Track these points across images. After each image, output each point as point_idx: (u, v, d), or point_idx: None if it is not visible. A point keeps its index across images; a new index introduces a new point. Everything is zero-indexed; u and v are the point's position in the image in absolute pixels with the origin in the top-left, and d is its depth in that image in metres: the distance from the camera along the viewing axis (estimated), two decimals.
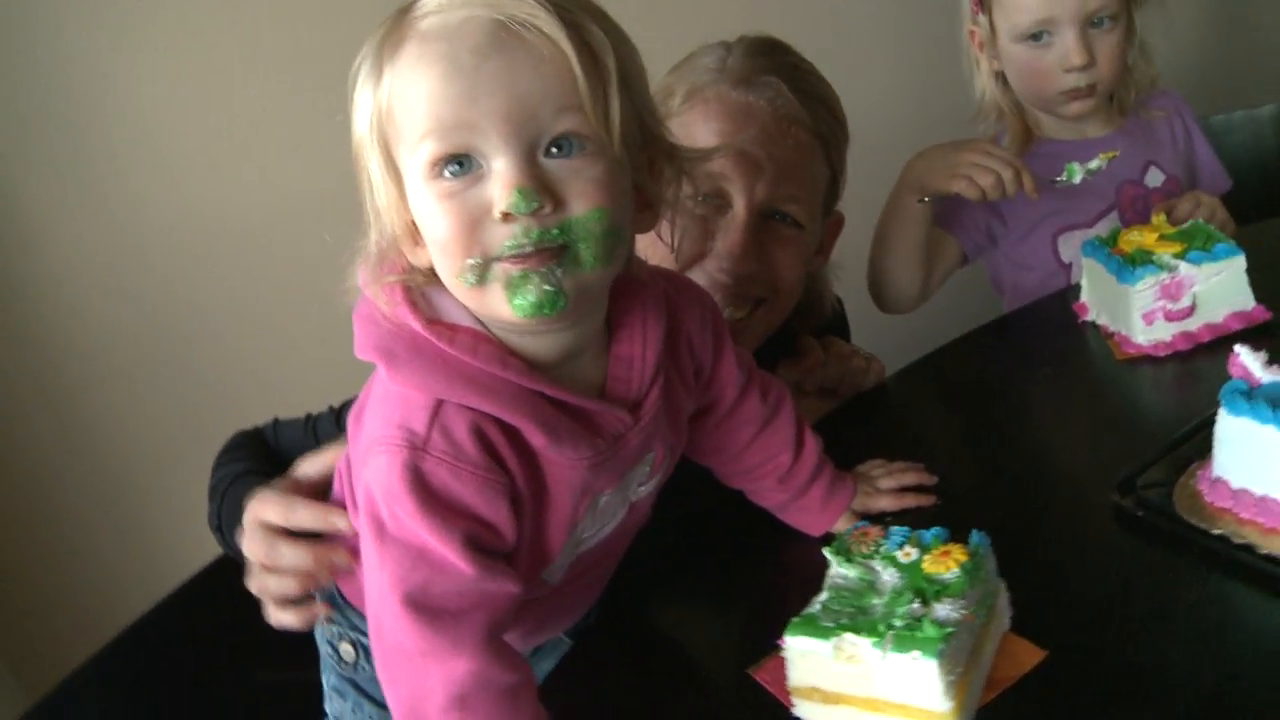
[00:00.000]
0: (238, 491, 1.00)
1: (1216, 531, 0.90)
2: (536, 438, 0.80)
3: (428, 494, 0.77)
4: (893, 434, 1.27)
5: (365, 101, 0.78)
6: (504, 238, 0.75)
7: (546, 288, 0.75)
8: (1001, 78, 1.56)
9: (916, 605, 0.79)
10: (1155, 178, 1.57)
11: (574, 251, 0.76)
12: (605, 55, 0.74)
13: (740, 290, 1.21)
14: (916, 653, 0.75)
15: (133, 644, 1.16)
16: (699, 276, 1.20)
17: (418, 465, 0.77)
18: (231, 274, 1.89)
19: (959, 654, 0.77)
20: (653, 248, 1.23)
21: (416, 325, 0.79)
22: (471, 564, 0.77)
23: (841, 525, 1.03)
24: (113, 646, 1.16)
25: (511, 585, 0.80)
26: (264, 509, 0.93)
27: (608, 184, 0.76)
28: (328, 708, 1.02)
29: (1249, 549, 0.87)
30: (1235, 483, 0.91)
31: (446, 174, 0.75)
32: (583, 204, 0.75)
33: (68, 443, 1.95)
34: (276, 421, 1.18)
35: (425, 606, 0.77)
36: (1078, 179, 1.46)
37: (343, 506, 0.91)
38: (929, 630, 0.75)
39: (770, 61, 1.23)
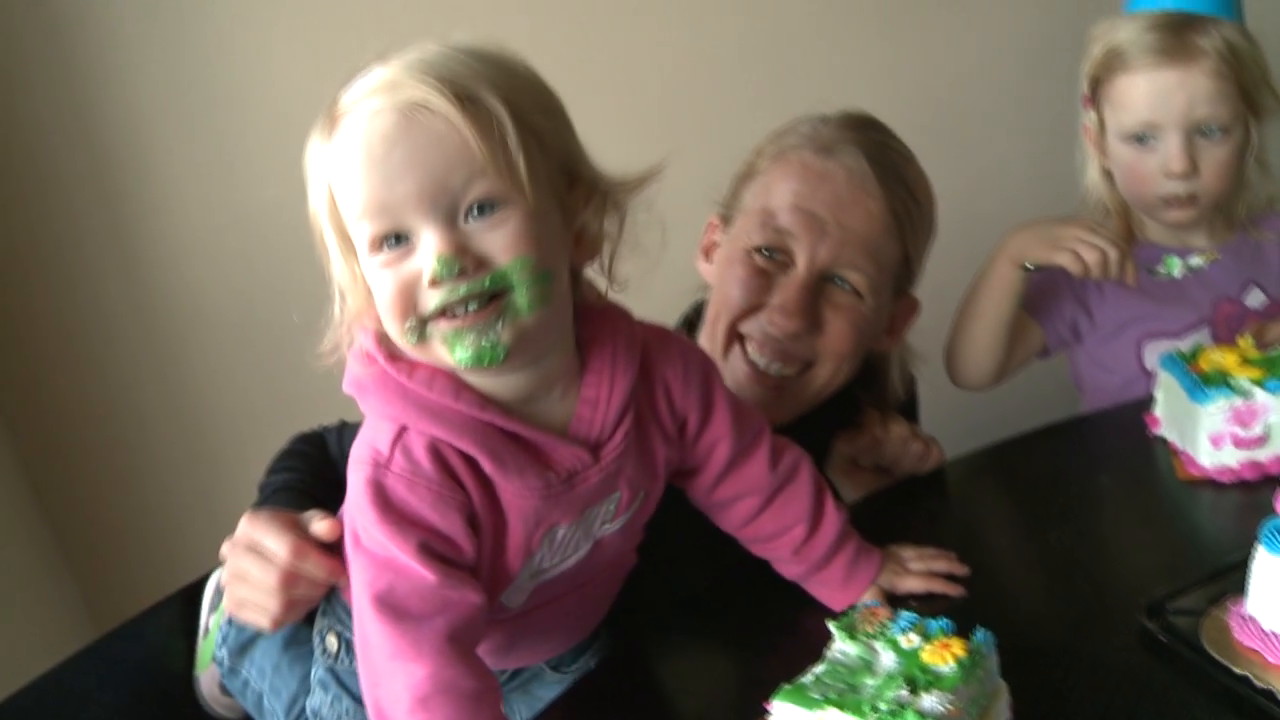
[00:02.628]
0: (273, 506, 1.09)
1: (1239, 671, 0.87)
2: (486, 464, 0.87)
3: (387, 506, 0.86)
4: (937, 518, 1.26)
5: (316, 184, 0.86)
6: (434, 299, 0.82)
7: (484, 342, 0.83)
8: (1110, 175, 1.54)
9: (905, 692, 0.78)
10: (1256, 298, 1.52)
11: (512, 300, 0.83)
12: (502, 120, 0.82)
13: (787, 347, 1.23)
14: None
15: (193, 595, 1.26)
16: (753, 326, 1.24)
17: (379, 481, 0.87)
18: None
19: None
20: (715, 292, 1.27)
21: (381, 362, 0.88)
22: (430, 570, 0.85)
23: (867, 598, 1.03)
24: (175, 596, 1.28)
25: (473, 595, 0.86)
26: (267, 536, 0.99)
27: (527, 233, 0.83)
28: (309, 703, 1.07)
29: (1271, 695, 0.84)
30: (1267, 624, 0.88)
31: (385, 248, 0.84)
32: (506, 255, 0.82)
33: (168, 402, 2.07)
34: (344, 425, 1.23)
35: (391, 606, 0.84)
36: (1176, 272, 1.43)
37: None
38: (910, 719, 0.75)
39: (857, 135, 1.25)
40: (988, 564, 1.08)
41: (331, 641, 1.05)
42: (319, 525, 1.00)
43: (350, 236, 0.85)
